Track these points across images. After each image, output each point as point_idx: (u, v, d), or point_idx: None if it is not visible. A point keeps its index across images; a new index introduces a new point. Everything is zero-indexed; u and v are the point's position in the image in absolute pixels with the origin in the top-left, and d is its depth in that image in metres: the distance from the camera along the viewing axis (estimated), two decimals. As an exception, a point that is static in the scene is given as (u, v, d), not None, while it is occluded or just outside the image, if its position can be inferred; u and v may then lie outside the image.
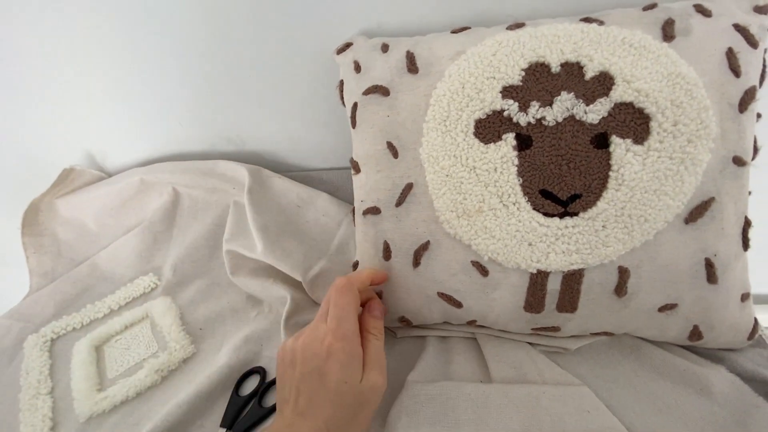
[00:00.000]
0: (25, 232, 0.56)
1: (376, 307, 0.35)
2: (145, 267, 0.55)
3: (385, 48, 0.39)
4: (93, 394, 0.41)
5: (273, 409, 0.38)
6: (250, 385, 0.41)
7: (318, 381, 0.30)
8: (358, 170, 0.40)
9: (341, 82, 0.41)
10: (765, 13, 0.33)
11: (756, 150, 0.33)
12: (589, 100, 0.31)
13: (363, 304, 0.36)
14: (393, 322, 0.42)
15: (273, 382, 0.41)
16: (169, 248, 0.55)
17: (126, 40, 0.49)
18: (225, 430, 0.37)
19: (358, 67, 0.39)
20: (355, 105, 0.39)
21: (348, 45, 0.42)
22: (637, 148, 0.31)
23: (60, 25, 0.48)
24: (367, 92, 0.38)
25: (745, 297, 0.35)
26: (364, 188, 0.39)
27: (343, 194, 0.55)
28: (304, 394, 0.30)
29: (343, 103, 0.42)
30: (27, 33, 0.49)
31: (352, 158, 0.40)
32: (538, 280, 0.34)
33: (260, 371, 0.41)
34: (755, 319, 0.36)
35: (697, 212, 0.32)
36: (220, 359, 0.42)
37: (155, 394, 0.42)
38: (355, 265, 0.42)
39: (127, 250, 0.55)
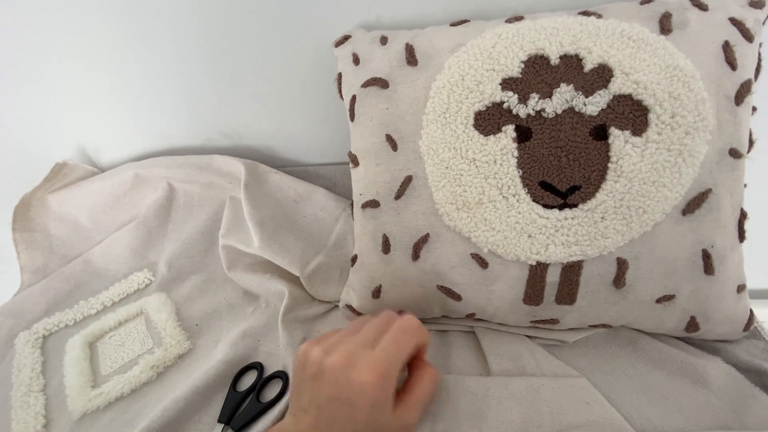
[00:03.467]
0: (16, 228, 0.55)
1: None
2: (140, 263, 0.54)
3: (384, 40, 0.39)
4: (87, 390, 0.41)
5: (271, 404, 0.38)
6: (248, 380, 0.40)
7: (347, 411, 0.28)
8: (356, 163, 0.39)
9: (339, 75, 0.41)
10: (760, 8, 0.34)
11: (751, 143, 0.34)
12: (588, 92, 0.31)
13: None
14: (392, 316, 0.41)
15: (271, 378, 0.40)
16: (164, 244, 0.55)
17: (121, 33, 0.48)
18: (222, 425, 0.37)
19: (356, 60, 0.39)
20: (354, 98, 0.39)
21: (346, 37, 0.41)
22: (636, 139, 0.31)
23: (53, 18, 0.48)
24: (365, 85, 0.38)
25: (740, 288, 0.35)
26: (363, 181, 0.39)
27: (340, 189, 0.55)
28: (326, 415, 0.29)
29: (341, 96, 0.41)
30: (20, 26, 0.48)
31: (350, 152, 0.40)
32: (538, 272, 0.34)
33: (258, 366, 0.41)
34: (750, 311, 0.36)
35: (694, 204, 0.32)
36: (216, 355, 0.42)
37: (151, 390, 0.41)
38: (354, 259, 0.41)
39: (121, 245, 0.55)
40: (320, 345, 0.31)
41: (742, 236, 0.34)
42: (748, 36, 0.32)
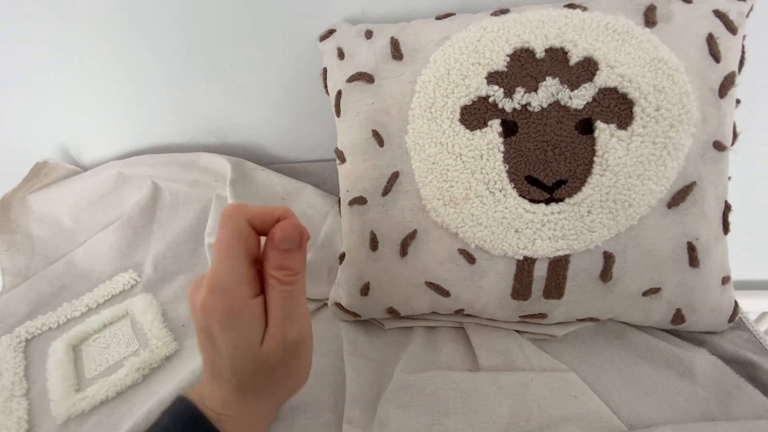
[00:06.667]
0: (-5, 229, 0.53)
1: (283, 237, 0.24)
2: (125, 263, 0.53)
3: (369, 34, 0.38)
4: (71, 394, 0.40)
5: (259, 404, 0.37)
6: (236, 380, 0.40)
7: (207, 340, 0.24)
8: (343, 160, 0.39)
9: (324, 70, 0.41)
10: (743, 0, 0.34)
11: (735, 135, 0.34)
12: (573, 86, 0.31)
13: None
14: (381, 314, 0.41)
15: (259, 377, 0.40)
16: (150, 244, 0.54)
17: (104, 29, 0.47)
18: (210, 426, 0.36)
19: (341, 54, 0.39)
20: (339, 93, 0.38)
21: (331, 32, 0.41)
22: (621, 133, 0.31)
23: (34, 15, 0.46)
24: (351, 79, 0.37)
25: (725, 280, 0.35)
26: (350, 178, 0.38)
27: (328, 186, 0.54)
28: (206, 351, 0.25)
29: (327, 91, 0.41)
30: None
31: (336, 148, 0.39)
32: (525, 266, 0.34)
33: (246, 366, 0.41)
34: (735, 302, 0.37)
35: (679, 196, 0.32)
36: (204, 355, 0.41)
37: (137, 392, 0.40)
38: (342, 257, 0.41)
39: (105, 246, 0.53)
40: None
41: (726, 228, 0.34)
42: (731, 28, 0.32)
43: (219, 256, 0.23)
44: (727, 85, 0.32)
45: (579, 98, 0.31)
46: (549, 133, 0.32)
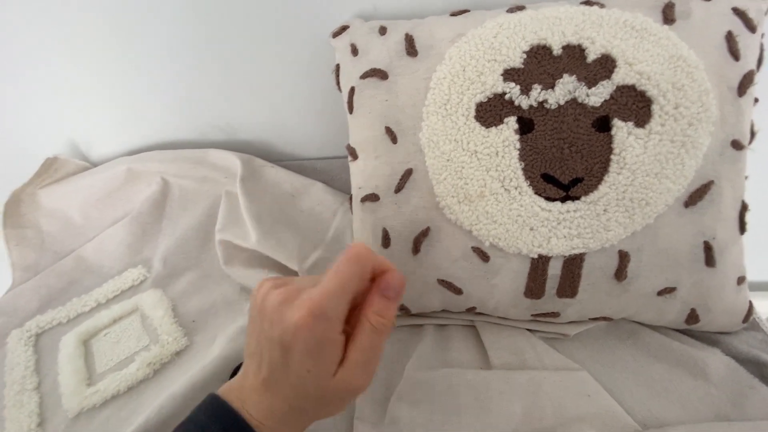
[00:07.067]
0: (6, 224, 0.53)
1: (390, 285, 0.26)
2: (134, 259, 0.53)
3: (383, 30, 0.38)
4: (82, 388, 0.40)
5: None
6: (246, 376, 0.40)
7: (280, 355, 0.24)
8: (355, 156, 0.39)
9: (337, 66, 0.40)
10: (763, -2, 0.33)
11: (753, 134, 0.34)
12: (591, 83, 0.31)
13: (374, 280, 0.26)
14: (392, 311, 0.41)
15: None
16: (159, 240, 0.54)
17: (113, 25, 0.47)
18: (221, 422, 0.36)
19: (355, 51, 0.38)
20: (352, 89, 0.38)
21: (344, 28, 0.40)
22: (639, 131, 0.31)
23: (43, 11, 0.46)
24: (364, 76, 0.37)
25: (741, 280, 0.35)
26: (362, 175, 0.38)
27: (338, 184, 0.54)
28: (266, 361, 0.25)
29: (339, 88, 0.41)
30: (10, 20, 0.47)
31: (348, 144, 0.39)
32: (539, 265, 0.34)
33: (256, 362, 0.41)
34: (750, 302, 0.36)
35: (696, 195, 0.32)
36: (214, 351, 0.41)
37: (148, 387, 0.40)
38: (353, 254, 0.41)
39: (114, 242, 0.54)
40: (274, 282, 0.26)
41: (742, 228, 0.34)
42: (750, 26, 0.32)
43: (335, 286, 0.24)
44: (746, 83, 0.32)
45: (596, 96, 0.31)
46: (566, 131, 0.31)
